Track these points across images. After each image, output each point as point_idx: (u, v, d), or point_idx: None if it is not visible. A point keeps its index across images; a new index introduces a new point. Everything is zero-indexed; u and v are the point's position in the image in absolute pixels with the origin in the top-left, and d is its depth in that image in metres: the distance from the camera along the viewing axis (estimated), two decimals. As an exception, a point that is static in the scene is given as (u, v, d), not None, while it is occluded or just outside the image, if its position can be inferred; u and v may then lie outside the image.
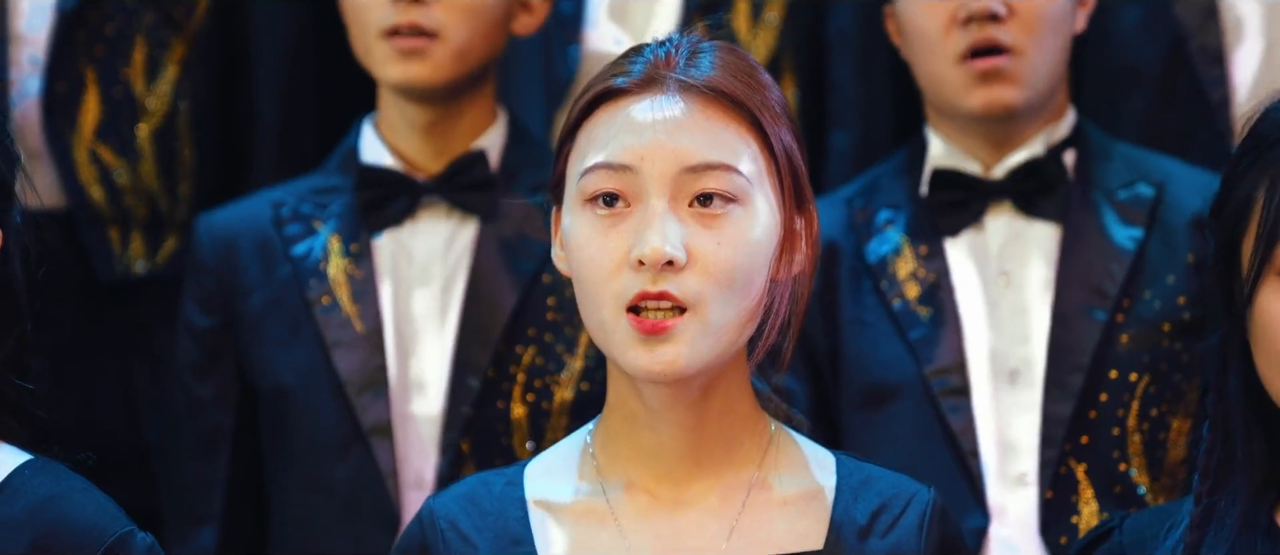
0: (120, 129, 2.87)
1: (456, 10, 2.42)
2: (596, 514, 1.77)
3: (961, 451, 2.33)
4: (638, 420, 1.78)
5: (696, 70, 1.75)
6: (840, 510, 1.78)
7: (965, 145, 2.45)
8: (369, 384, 2.40)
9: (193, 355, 2.50)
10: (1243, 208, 1.76)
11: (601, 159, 1.73)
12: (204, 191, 2.92)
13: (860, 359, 2.39)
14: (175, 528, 2.51)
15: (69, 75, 2.85)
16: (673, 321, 1.70)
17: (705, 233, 1.71)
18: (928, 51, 2.39)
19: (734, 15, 2.89)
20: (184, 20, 2.90)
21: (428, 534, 1.80)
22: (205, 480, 2.49)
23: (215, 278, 2.50)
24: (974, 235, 2.43)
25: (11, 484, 1.79)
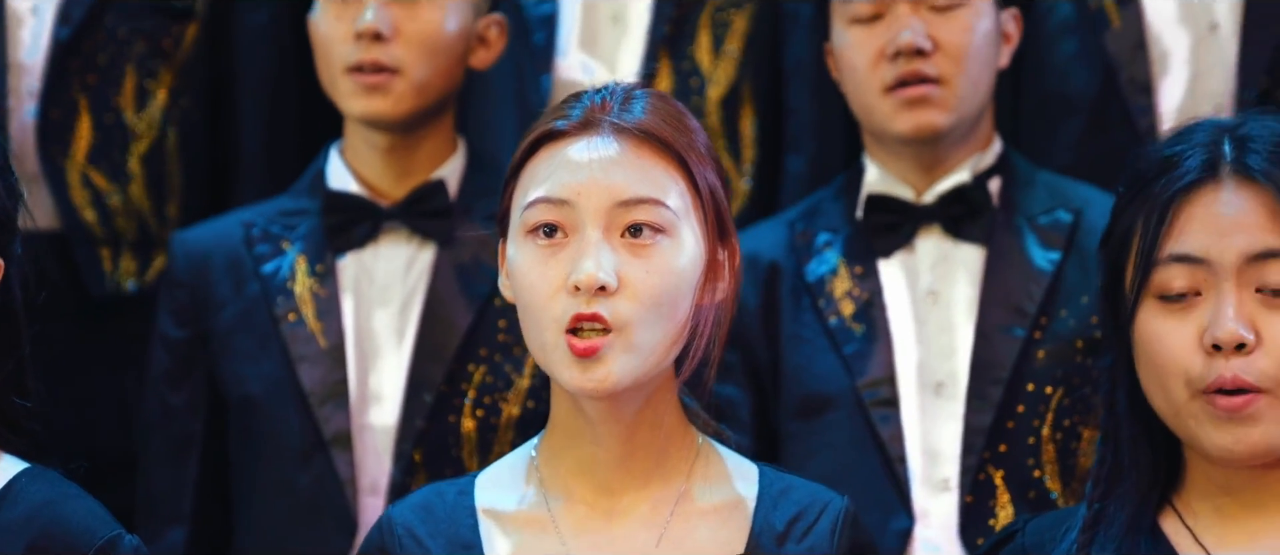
0: (111, 154, 2.89)
1: (415, 47, 2.45)
2: (539, 523, 1.83)
3: (890, 458, 2.36)
4: (577, 435, 1.84)
5: (629, 114, 1.83)
6: (760, 518, 1.84)
7: (898, 172, 2.48)
8: (330, 395, 2.43)
9: (166, 365, 2.53)
10: (1125, 238, 1.81)
11: (542, 194, 1.80)
12: (191, 213, 2.93)
13: (798, 372, 2.42)
14: (146, 527, 2.51)
15: (63, 103, 2.87)
16: (602, 341, 1.76)
17: (635, 261, 1.78)
18: (859, 83, 2.43)
19: (696, 47, 2.92)
20: (172, 51, 2.93)
21: (386, 539, 1.86)
22: (176, 483, 2.51)
23: (188, 292, 2.52)
24: (905, 256, 2.46)
25: (10, 491, 1.84)
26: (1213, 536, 1.79)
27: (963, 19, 2.41)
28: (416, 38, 2.46)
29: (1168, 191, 1.77)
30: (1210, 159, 1.77)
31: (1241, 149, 1.77)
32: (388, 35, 2.44)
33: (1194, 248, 1.75)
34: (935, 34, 2.39)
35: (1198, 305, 1.75)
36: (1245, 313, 1.73)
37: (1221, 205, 1.75)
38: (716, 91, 2.93)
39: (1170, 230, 1.76)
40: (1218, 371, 1.73)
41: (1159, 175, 1.79)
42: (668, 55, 2.92)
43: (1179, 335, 1.75)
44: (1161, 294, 1.77)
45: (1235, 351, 1.72)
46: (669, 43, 2.91)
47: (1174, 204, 1.76)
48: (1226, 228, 1.74)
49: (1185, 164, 1.78)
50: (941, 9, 2.42)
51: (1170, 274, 1.76)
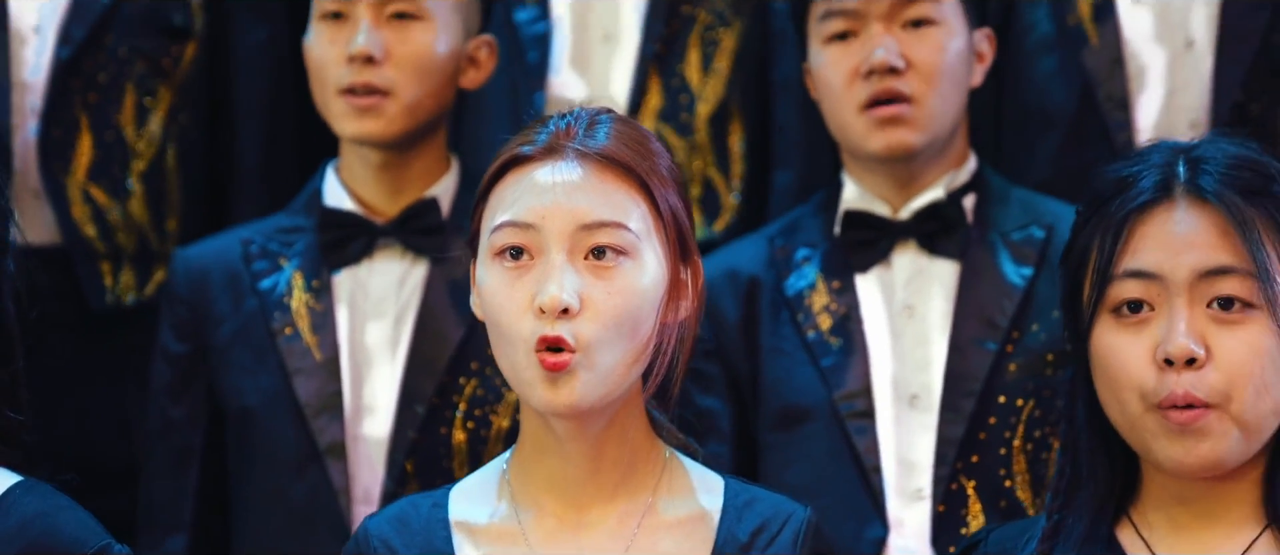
0: (111, 170, 2.97)
1: (407, 69, 2.54)
2: (510, 535, 1.90)
3: (865, 468, 2.44)
4: (547, 450, 1.91)
5: (593, 140, 1.90)
6: (724, 530, 1.91)
7: (875, 188, 2.56)
8: (325, 407, 2.52)
9: (167, 378, 2.62)
10: (1083, 255, 1.87)
11: (508, 218, 1.87)
12: (190, 228, 3.02)
13: (777, 384, 2.50)
14: (148, 536, 2.61)
15: (64, 121, 2.95)
16: (567, 358, 1.83)
17: (598, 283, 1.85)
18: (835, 101, 2.52)
19: (686, 64, 3.01)
20: (171, 70, 3.01)
21: (362, 551, 1.93)
22: (176, 493, 2.60)
23: (188, 308, 2.61)
24: (882, 271, 2.54)
25: (3, 503, 1.90)
26: (1166, 546, 1.86)
27: (935, 38, 2.50)
28: (408, 60, 2.55)
29: (1123, 210, 1.83)
30: (1165, 179, 1.84)
31: (1195, 170, 1.84)
32: (379, 58, 2.53)
33: (1147, 264, 1.82)
34: (908, 52, 2.47)
35: (1151, 321, 1.82)
36: (1196, 328, 1.79)
37: (1175, 224, 1.82)
38: (706, 108, 3.01)
39: (1125, 247, 1.82)
40: (1170, 387, 1.79)
41: (1115, 194, 1.85)
42: (657, 73, 3.00)
43: (1133, 350, 1.81)
44: (1116, 309, 1.83)
45: (1186, 366, 1.78)
46: (659, 61, 2.99)
47: (1129, 222, 1.83)
48: (1179, 245, 1.81)
49: (1140, 184, 1.84)
50: (914, 28, 2.50)
51: (1124, 289, 1.82)
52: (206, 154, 3.07)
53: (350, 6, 2.57)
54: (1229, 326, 1.80)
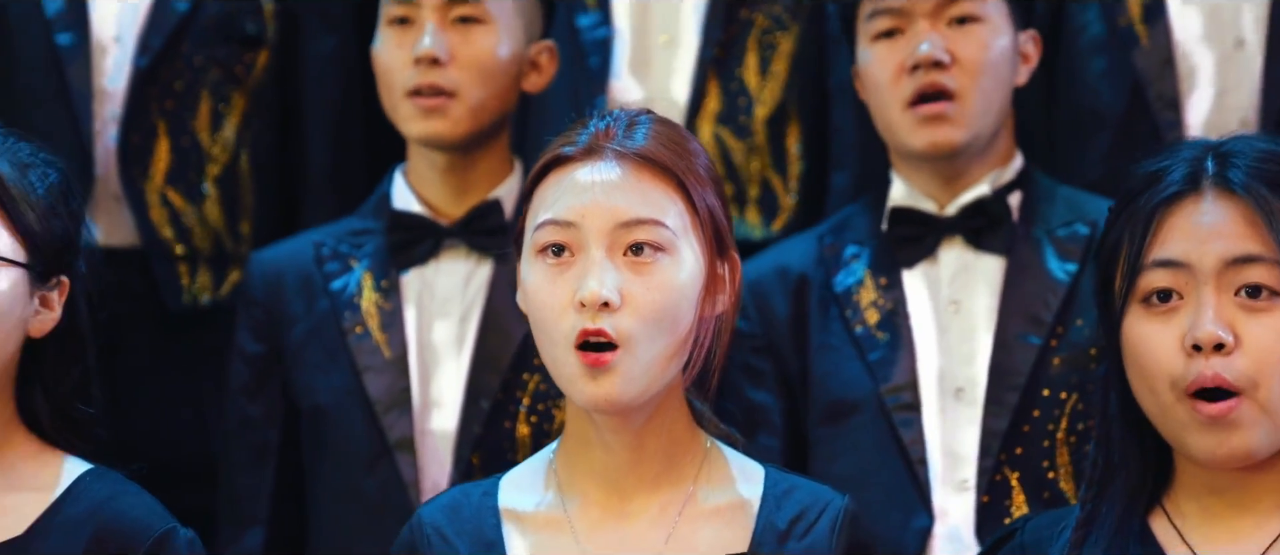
0: (187, 175, 3.12)
1: (470, 71, 2.67)
2: (556, 523, 2.00)
3: (911, 460, 2.54)
4: (590, 442, 2.01)
5: (631, 140, 1.99)
6: (763, 518, 1.99)
7: (921, 186, 2.67)
8: (395, 404, 2.64)
9: (244, 378, 2.75)
10: (1114, 247, 1.95)
11: (550, 216, 1.97)
12: (263, 230, 3.16)
13: (825, 378, 2.60)
14: (227, 530, 2.75)
15: (143, 127, 3.10)
16: (609, 357, 1.92)
17: (637, 278, 1.94)
18: (882, 99, 2.62)
19: (744, 68, 3.12)
20: (245, 77, 3.15)
21: (416, 538, 2.04)
22: (254, 489, 2.73)
23: (264, 309, 2.75)
24: (929, 267, 2.64)
25: (75, 489, 2.04)
26: (1199, 535, 1.92)
27: (979, 34, 2.60)
28: (471, 62, 2.68)
29: (1152, 202, 1.91)
30: (1193, 173, 1.92)
31: (1223, 164, 1.91)
32: (444, 60, 2.66)
33: (1176, 253, 1.88)
34: (953, 48, 2.57)
35: (1180, 309, 1.88)
36: (1224, 315, 1.85)
37: (1202, 214, 1.88)
38: (763, 111, 3.12)
39: (1154, 238, 1.89)
40: (1198, 370, 1.85)
41: (1145, 188, 1.93)
42: (716, 76, 3.11)
43: (1163, 338, 1.88)
44: (1146, 299, 1.90)
45: (1214, 351, 1.84)
46: (717, 64, 3.10)
47: (1158, 214, 1.90)
48: (1206, 235, 1.87)
49: (1170, 177, 1.92)
50: (959, 25, 2.60)
51: (1154, 278, 1.89)
52: (278, 158, 3.21)
53: (416, 11, 2.71)
54: (1256, 314, 1.86)
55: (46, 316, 2.05)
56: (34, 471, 2.04)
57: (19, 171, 2.04)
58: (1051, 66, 3.05)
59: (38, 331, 2.05)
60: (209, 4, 3.12)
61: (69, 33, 3.10)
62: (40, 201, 2.04)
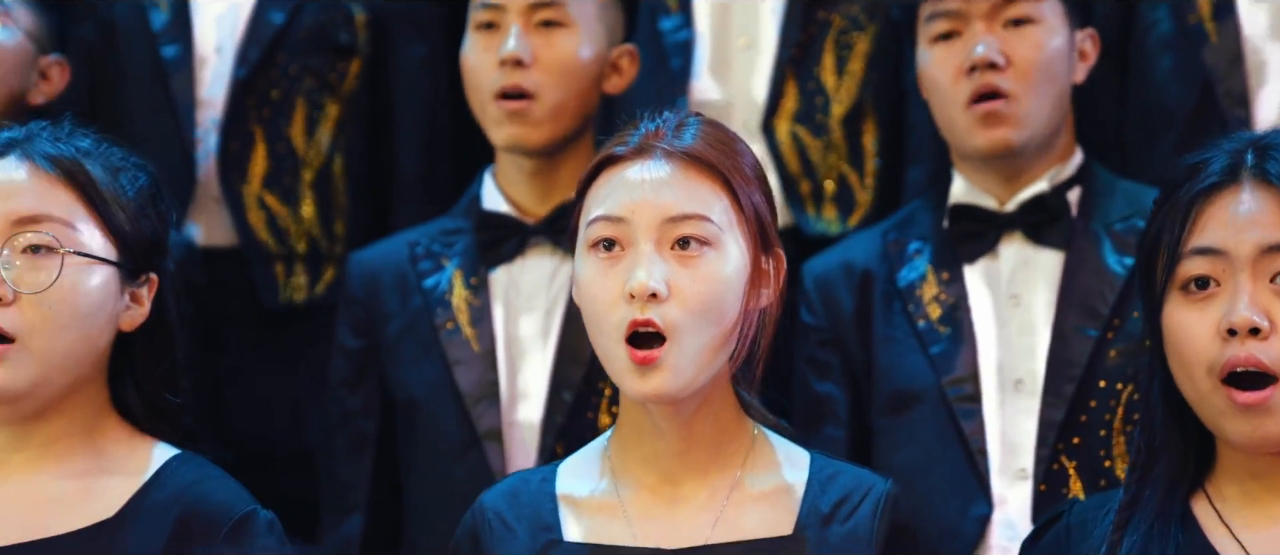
0: (283, 179, 3.28)
1: (552, 73, 2.81)
2: (609, 508, 2.10)
3: (971, 450, 2.64)
4: (642, 430, 2.11)
5: (679, 140, 2.10)
6: (808, 502, 2.09)
7: (981, 183, 2.77)
8: (483, 395, 2.77)
9: (344, 372, 2.89)
10: (1156, 237, 2.03)
11: (601, 212, 2.08)
12: (357, 230, 3.31)
13: (889, 370, 2.68)
14: (329, 516, 2.90)
15: (241, 134, 3.26)
16: (658, 352, 2.02)
17: (684, 271, 2.04)
18: (941, 99, 2.74)
19: (821, 68, 3.22)
20: (338, 85, 3.30)
21: (478, 523, 2.15)
22: (354, 477, 2.87)
23: (362, 307, 2.89)
24: (989, 262, 2.74)
25: (163, 473, 2.14)
26: (1240, 519, 1.99)
27: (1035, 36, 2.70)
28: (553, 65, 2.82)
29: (1191, 192, 1.99)
30: (1232, 164, 1.99)
31: (1262, 156, 1.98)
32: (527, 62, 2.80)
33: (1213, 241, 1.96)
34: (1008, 50, 2.68)
35: (1217, 296, 1.95)
36: (1260, 301, 1.93)
37: (1239, 204, 1.96)
38: (840, 109, 3.22)
39: (1193, 227, 1.97)
40: (1233, 353, 1.92)
41: (1187, 179, 2.01)
42: (794, 76, 3.22)
43: (1200, 325, 1.95)
44: (1184, 286, 1.97)
45: (1250, 336, 1.91)
46: (795, 64, 3.21)
47: (1196, 203, 1.98)
48: (1243, 223, 1.95)
49: (1209, 168, 2.00)
50: (1015, 26, 2.70)
51: (1192, 266, 1.96)
52: (371, 161, 3.36)
53: (501, 15, 2.85)
54: None
55: (136, 312, 2.16)
56: (125, 457, 2.15)
57: (111, 175, 2.15)
58: (1123, 63, 3.10)
59: (128, 326, 2.16)
60: (304, 16, 3.28)
61: (173, 45, 3.27)
62: (130, 203, 2.15)
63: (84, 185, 2.12)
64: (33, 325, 2.07)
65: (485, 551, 2.13)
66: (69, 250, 2.09)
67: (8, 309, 2.06)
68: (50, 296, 2.07)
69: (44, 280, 2.07)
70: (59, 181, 2.12)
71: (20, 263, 2.08)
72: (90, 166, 2.14)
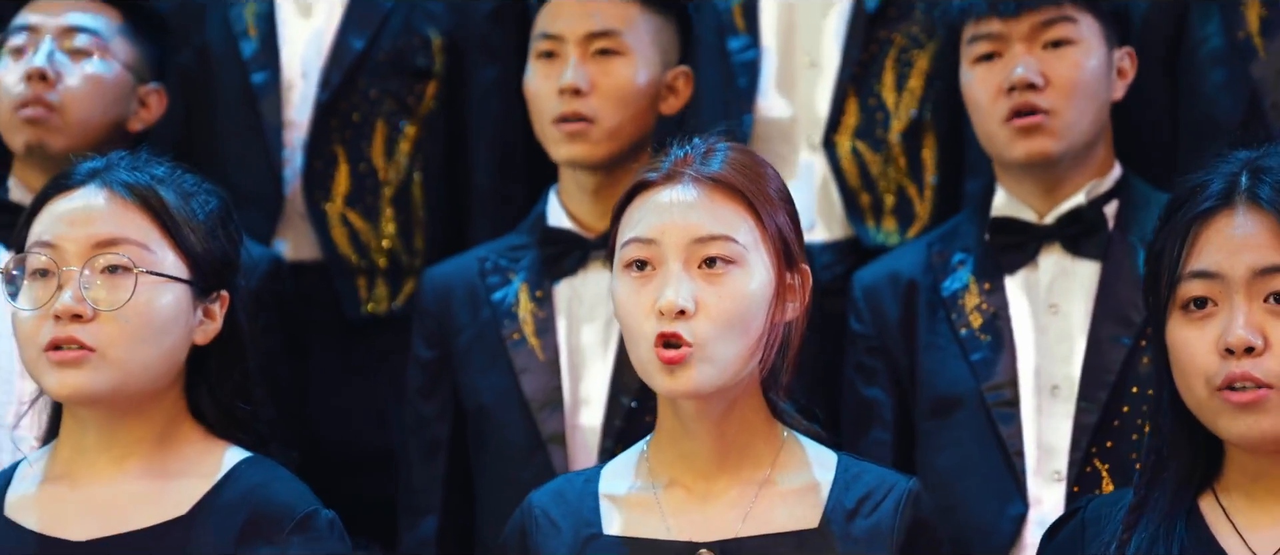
0: (365, 197, 3.36)
1: (609, 98, 2.97)
2: (646, 504, 2.25)
3: (1008, 453, 2.76)
4: (677, 433, 2.26)
5: (706, 166, 2.24)
6: (833, 499, 2.22)
7: (1022, 196, 2.90)
8: (547, 402, 2.93)
9: (418, 381, 3.06)
10: (1158, 258, 2.13)
11: (634, 235, 2.23)
12: (435, 245, 3.44)
13: (931, 376, 2.80)
14: (406, 517, 3.07)
15: (324, 154, 3.41)
16: (683, 353, 2.17)
17: (710, 288, 2.18)
18: (982, 115, 2.87)
19: (881, 85, 3.33)
20: (416, 107, 3.43)
21: (526, 520, 2.30)
22: (428, 480, 3.03)
23: (435, 320, 3.05)
24: (1029, 272, 2.86)
25: (233, 475, 2.30)
26: (1244, 518, 2.09)
27: (1072, 56, 2.82)
28: (610, 91, 2.98)
29: (1189, 215, 2.10)
30: (1228, 188, 2.09)
31: (1256, 179, 2.08)
32: (585, 90, 2.97)
33: (1209, 265, 2.07)
34: (1047, 70, 2.80)
35: (1214, 315, 2.06)
36: (1254, 321, 2.03)
37: (1234, 228, 2.06)
38: (899, 124, 3.33)
39: (1191, 250, 2.07)
40: (1229, 370, 2.04)
41: (1185, 202, 2.12)
42: (855, 93, 3.33)
43: (1199, 343, 2.06)
44: (1184, 305, 2.08)
45: (1245, 354, 2.03)
46: (856, 82, 3.33)
47: (1193, 227, 2.08)
48: (1237, 246, 2.05)
49: (1207, 191, 2.10)
50: (1053, 48, 2.82)
51: (1190, 288, 2.07)
52: (447, 178, 3.49)
53: (560, 46, 3.02)
54: None
55: (209, 326, 2.32)
56: (199, 459, 2.31)
57: (183, 200, 2.31)
58: (1174, 77, 3.17)
59: (202, 339, 2.32)
60: (383, 41, 3.41)
61: (262, 72, 3.43)
62: (201, 225, 2.30)
63: (158, 210, 2.28)
64: (111, 339, 2.23)
65: (532, 546, 2.28)
66: (143, 270, 2.25)
67: (89, 324, 2.22)
68: (126, 312, 2.23)
69: (120, 298, 2.23)
70: (135, 207, 2.28)
71: (99, 282, 2.24)
72: (164, 192, 2.30)
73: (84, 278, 2.23)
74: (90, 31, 3.09)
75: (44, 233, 2.27)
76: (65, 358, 2.21)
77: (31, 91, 3.00)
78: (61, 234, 2.25)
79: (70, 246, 2.25)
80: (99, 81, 3.07)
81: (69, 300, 2.21)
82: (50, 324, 2.22)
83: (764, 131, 3.29)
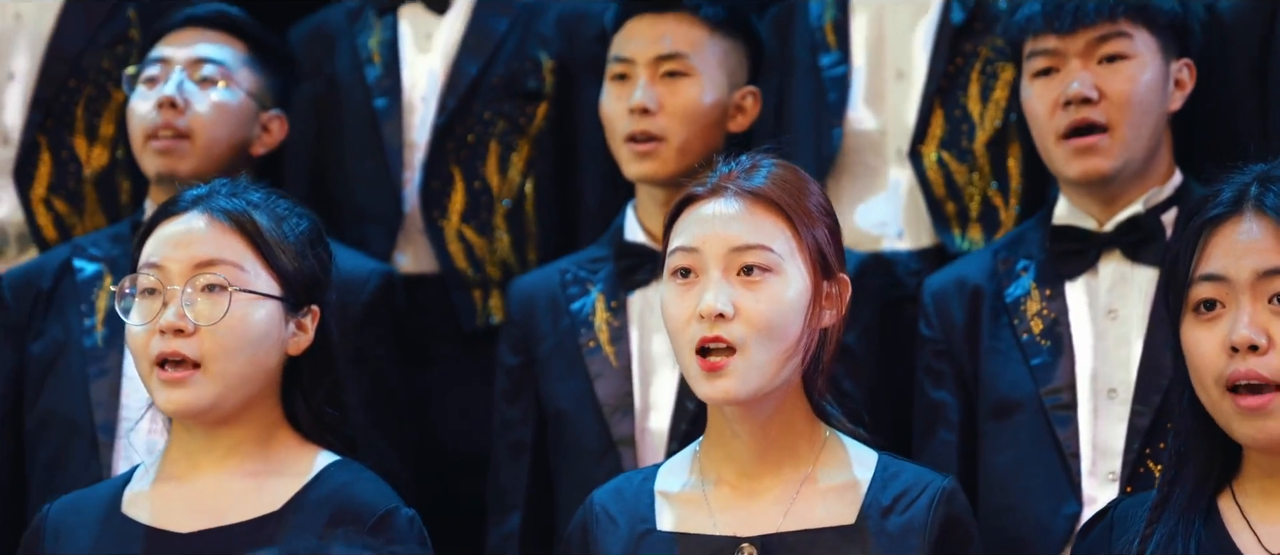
0: (479, 213, 3.48)
1: (677, 118, 3.01)
2: (695, 501, 2.30)
3: (1064, 454, 2.72)
4: (724, 434, 2.30)
5: (748, 181, 2.30)
6: (871, 496, 2.26)
7: (1082, 205, 2.84)
8: (619, 406, 2.97)
9: (505, 385, 3.11)
10: (1175, 261, 2.18)
11: (679, 244, 2.29)
12: (546, 257, 3.46)
13: (993, 379, 2.81)
14: (493, 513, 3.12)
15: (441, 174, 3.48)
16: (724, 361, 2.22)
17: (748, 294, 2.24)
18: (1040, 129, 2.82)
19: (967, 96, 3.30)
20: (527, 127, 3.50)
21: (588, 516, 2.37)
22: (513, 480, 3.09)
23: (520, 328, 3.11)
24: (1089, 279, 2.81)
25: (322, 476, 2.42)
26: (1258, 514, 2.12)
27: (1127, 71, 2.77)
28: (678, 110, 3.02)
29: (1200, 221, 2.13)
30: (1237, 196, 2.12)
31: (1264, 189, 2.11)
32: (654, 110, 3.00)
33: (1217, 268, 2.10)
34: (1102, 85, 2.75)
35: (1222, 316, 2.09)
36: (1259, 321, 2.06)
37: (1240, 234, 2.10)
38: (984, 135, 3.30)
39: (1201, 255, 2.11)
40: (1235, 367, 2.07)
41: (1198, 210, 2.15)
42: (941, 105, 3.31)
43: (1208, 342, 2.10)
44: (1195, 308, 2.11)
45: (1250, 352, 2.06)
46: (942, 94, 3.30)
47: (1204, 232, 2.12)
48: (1242, 251, 2.08)
49: (1218, 200, 2.13)
50: (1108, 63, 2.77)
51: (1200, 291, 2.11)
52: (558, 194, 3.54)
53: (631, 69, 3.06)
54: None
55: (301, 338, 2.43)
56: (292, 461, 2.42)
57: (275, 223, 2.43)
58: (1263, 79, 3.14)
59: (294, 350, 2.43)
60: (496, 66, 3.48)
61: (385, 97, 3.51)
62: (291, 246, 2.42)
63: (252, 233, 2.40)
64: (211, 352, 2.35)
65: (592, 540, 2.33)
66: (237, 288, 2.37)
67: (190, 339, 2.35)
68: (222, 327, 2.35)
69: (217, 314, 2.36)
70: (232, 230, 2.40)
71: (200, 299, 2.36)
72: (258, 216, 2.42)
73: (186, 296, 2.35)
74: (216, 62, 3.19)
75: (152, 254, 2.39)
76: (172, 377, 2.34)
77: (162, 118, 3.11)
78: (167, 255, 2.38)
79: (174, 267, 2.37)
80: (224, 108, 3.18)
81: (172, 317, 2.34)
82: (157, 338, 2.34)
83: (853, 143, 3.30)
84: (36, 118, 3.50)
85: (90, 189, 3.50)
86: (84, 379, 3.02)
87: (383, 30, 3.52)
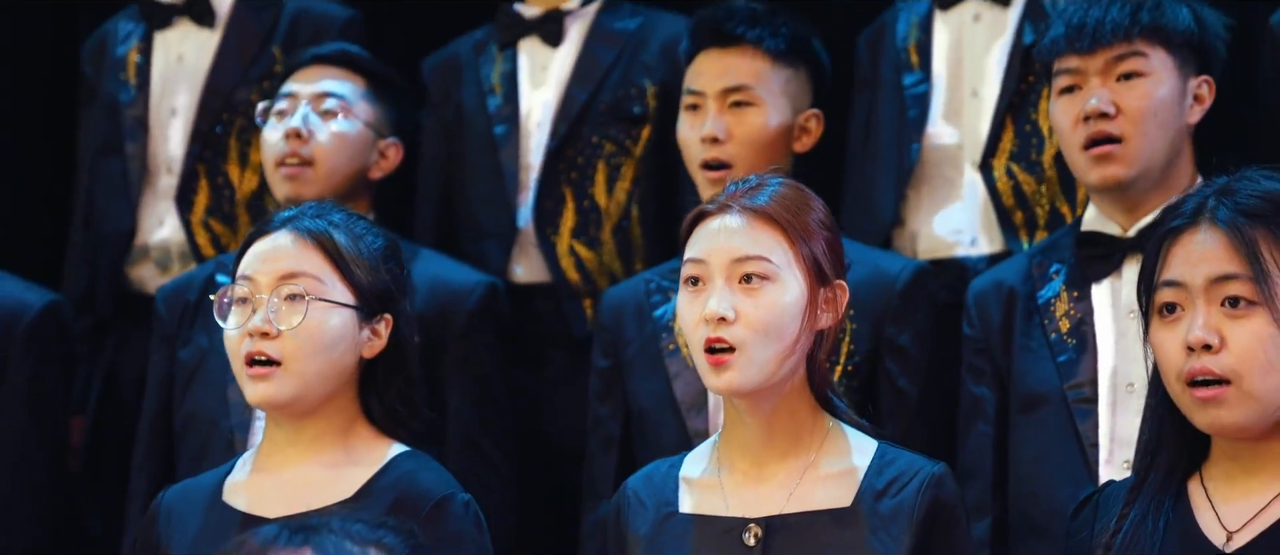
0: (589, 230, 3.61)
1: (744, 144, 3.19)
2: (711, 486, 2.46)
3: (1084, 445, 2.85)
4: (736, 424, 2.46)
5: (752, 199, 2.45)
6: (867, 481, 2.40)
7: (1108, 212, 2.97)
8: (695, 404, 3.14)
9: (597, 386, 3.31)
10: (1143, 269, 2.29)
11: (690, 255, 2.46)
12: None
13: (1022, 375, 2.94)
14: (586, 502, 3.31)
15: (553, 194, 3.67)
16: (727, 358, 2.40)
17: (748, 300, 2.40)
18: (1066, 143, 2.97)
19: (1037, 112, 3.43)
20: (632, 148, 3.67)
21: (621, 501, 2.53)
22: (604, 472, 3.27)
23: (610, 333, 3.30)
24: (1113, 281, 2.94)
25: (391, 465, 2.58)
26: (1221, 495, 2.24)
27: (1143, 87, 2.89)
28: (744, 138, 3.20)
29: (1162, 231, 2.26)
30: (1197, 208, 2.24)
31: (1219, 202, 2.23)
32: (722, 138, 3.18)
33: (1175, 275, 2.23)
34: (1118, 100, 2.88)
35: (1182, 319, 2.23)
36: (1212, 323, 2.19)
37: (1196, 243, 2.22)
38: (1052, 148, 3.41)
39: (1164, 262, 2.24)
40: (1191, 364, 2.20)
41: (1164, 221, 2.28)
42: (1011, 121, 3.44)
43: (1171, 342, 2.23)
44: (1160, 311, 2.24)
45: (1204, 351, 2.19)
46: (1012, 110, 3.43)
47: (1166, 241, 2.25)
48: (1197, 259, 2.21)
49: (1180, 212, 2.26)
50: (1126, 80, 2.90)
51: (1162, 295, 2.24)
52: (662, 209, 3.71)
53: (702, 100, 3.24)
54: (1238, 320, 2.20)
55: (375, 342, 2.61)
56: (366, 452, 2.60)
57: (353, 241, 2.61)
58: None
59: (369, 353, 2.61)
60: (604, 93, 3.67)
61: (504, 125, 3.73)
62: (366, 261, 2.60)
63: (330, 249, 2.60)
64: (292, 352, 2.56)
65: (624, 522, 2.50)
66: (314, 298, 2.59)
67: (274, 341, 2.57)
68: (301, 331, 2.56)
69: (296, 319, 2.57)
70: (313, 246, 2.60)
71: (283, 307, 2.58)
72: (336, 235, 2.62)
73: (271, 304, 2.56)
74: (338, 96, 3.38)
75: (245, 268, 2.61)
76: (257, 373, 2.56)
77: (289, 148, 3.32)
78: (257, 269, 2.60)
79: (262, 278, 2.59)
80: (344, 138, 3.39)
81: (258, 321, 2.56)
82: (247, 340, 2.56)
83: (932, 156, 3.44)
84: (195, 149, 3.79)
85: (242, 211, 3.79)
86: (223, 383, 3.24)
87: (504, 63, 3.73)
